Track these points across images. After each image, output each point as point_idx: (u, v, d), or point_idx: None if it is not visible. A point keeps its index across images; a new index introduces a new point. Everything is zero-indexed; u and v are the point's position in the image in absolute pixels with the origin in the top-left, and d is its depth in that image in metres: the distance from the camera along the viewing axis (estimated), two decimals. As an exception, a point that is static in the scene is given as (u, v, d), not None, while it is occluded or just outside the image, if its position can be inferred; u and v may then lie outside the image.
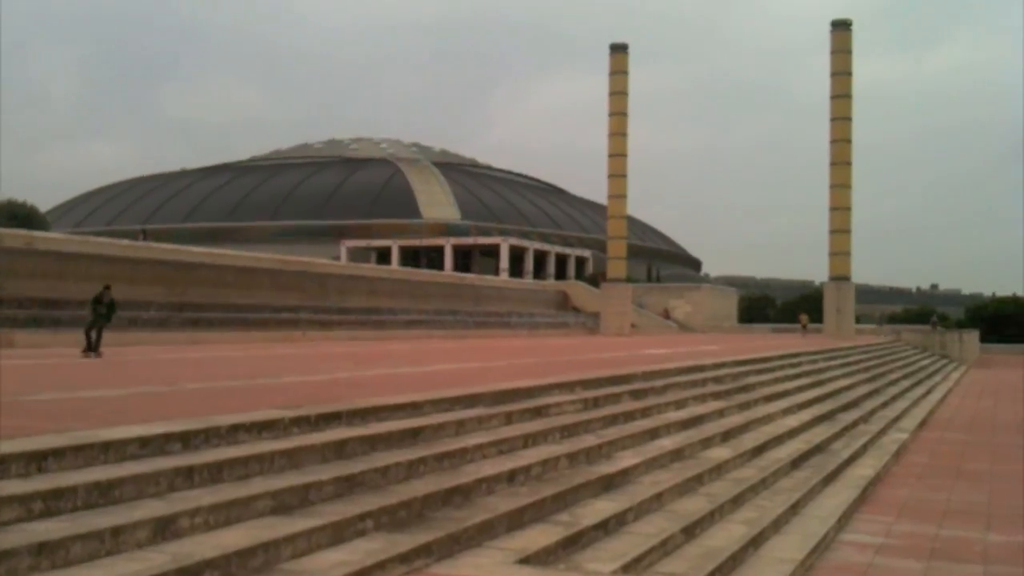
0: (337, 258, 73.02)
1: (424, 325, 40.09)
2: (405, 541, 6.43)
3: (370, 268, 52.30)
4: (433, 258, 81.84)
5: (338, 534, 6.35)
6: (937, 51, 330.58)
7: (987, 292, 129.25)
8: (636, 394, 13.38)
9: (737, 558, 8.06)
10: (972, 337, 54.54)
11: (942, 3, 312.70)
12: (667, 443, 11.40)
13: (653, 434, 11.67)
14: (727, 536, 8.57)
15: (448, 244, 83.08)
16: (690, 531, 8.46)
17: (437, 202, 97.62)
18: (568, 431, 10.55)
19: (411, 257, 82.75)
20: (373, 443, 8.13)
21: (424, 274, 54.39)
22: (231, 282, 31.91)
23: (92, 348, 17.62)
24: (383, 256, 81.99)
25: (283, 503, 6.55)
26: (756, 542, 8.66)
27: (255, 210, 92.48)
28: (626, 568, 7.17)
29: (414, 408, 9.41)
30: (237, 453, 7.02)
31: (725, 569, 7.69)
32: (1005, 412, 24.27)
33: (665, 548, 7.85)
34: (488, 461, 8.70)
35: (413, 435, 8.63)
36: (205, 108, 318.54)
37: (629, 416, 12.14)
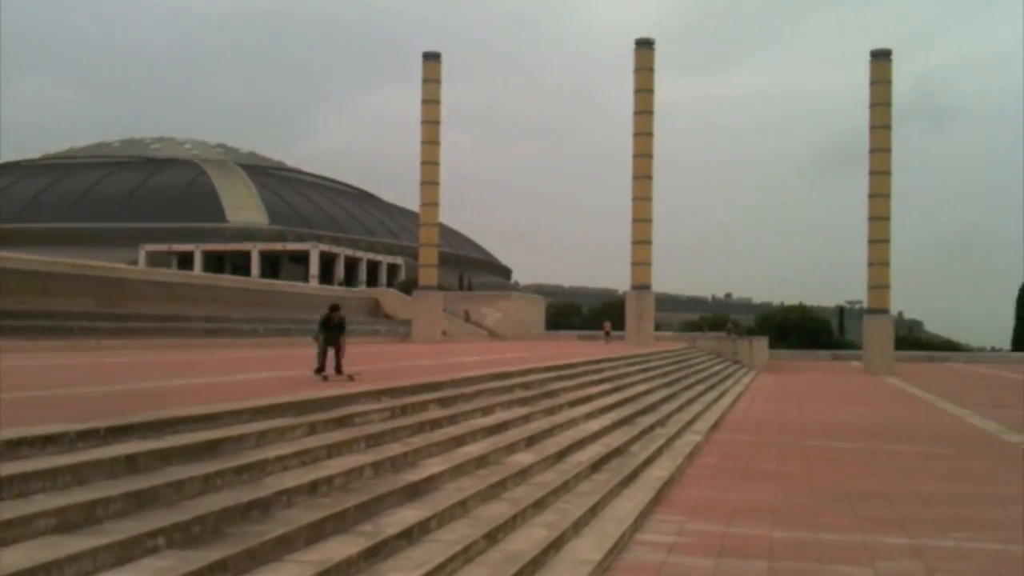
0: (135, 263, 69.79)
1: (229, 333, 38.91)
2: (198, 558, 6.23)
3: (171, 273, 50.30)
4: (239, 264, 79.58)
5: (126, 552, 6.07)
6: (739, 71, 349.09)
7: (776, 301, 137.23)
8: (444, 402, 13.45)
9: (538, 561, 8.25)
10: (762, 343, 57.78)
11: (744, 25, 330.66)
12: (473, 450, 11.52)
13: (459, 441, 11.77)
14: (529, 540, 8.75)
15: (255, 249, 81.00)
16: (493, 536, 8.59)
17: (244, 206, 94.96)
18: (374, 440, 10.49)
19: (215, 263, 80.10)
20: (167, 457, 7.82)
21: (229, 280, 52.82)
22: (15, 287, 29.97)
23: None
24: (185, 261, 79.07)
25: (67, 521, 6.21)
26: (557, 545, 8.89)
27: (46, 211, 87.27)
28: (428, 576, 7.21)
29: (212, 419, 9.11)
30: (18, 469, 6.60)
31: (526, 573, 7.86)
32: (790, 414, 25.84)
33: (468, 554, 7.94)
34: (289, 473, 8.54)
35: (211, 447, 8.36)
36: (14, 109, 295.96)
37: (436, 424, 12.19)
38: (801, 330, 78.75)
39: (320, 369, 15.73)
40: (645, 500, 11.74)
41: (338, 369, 15.29)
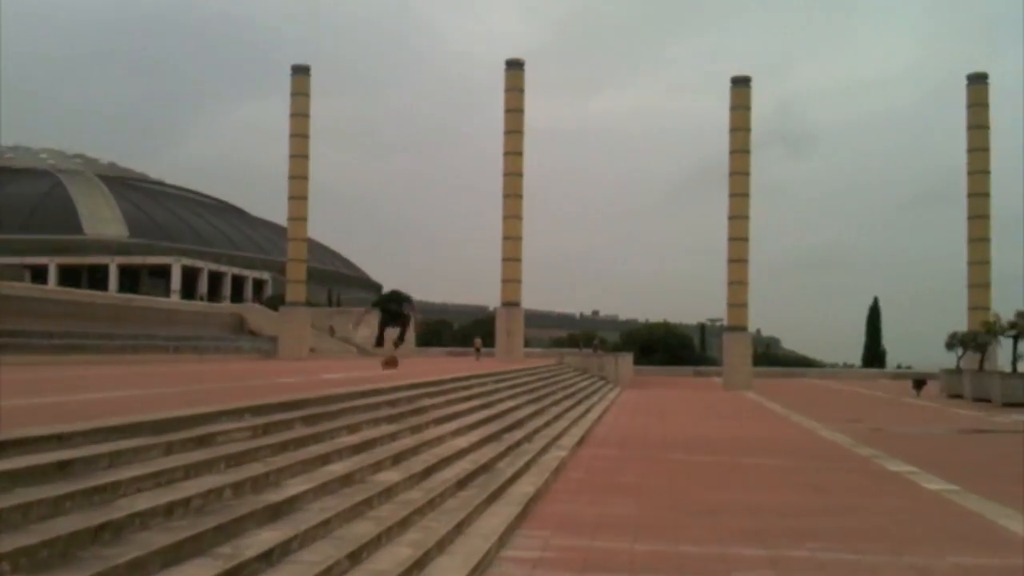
0: (-17, 276, 66.26)
1: (84, 350, 37.32)
2: (44, 585, 5.93)
3: (20, 287, 47.93)
4: (97, 278, 76.61)
5: (-36, 582, 5.73)
6: (604, 96, 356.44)
7: (641, 318, 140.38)
8: (309, 419, 13.19)
9: (402, 581, 8.17)
10: (627, 360, 58.96)
11: (607, 52, 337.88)
12: (338, 468, 11.33)
13: (324, 460, 11.55)
14: (393, 559, 8.65)
15: (113, 263, 78.17)
16: (356, 556, 8.46)
17: (102, 218, 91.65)
18: (235, 460, 10.20)
19: (72, 277, 76.89)
20: (13, 479, 7.42)
21: (85, 294, 50.72)
22: None
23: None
24: (39, 275, 75.59)
25: None
26: (421, 563, 8.82)
27: None
28: (289, 598, 7.04)
29: (62, 440, 8.69)
30: None
31: (389, 592, 7.76)
32: (654, 429, 26.42)
33: (330, 575, 7.79)
34: (144, 494, 8.21)
35: (60, 469, 7.97)
36: None
37: (301, 442, 11.94)
38: (665, 346, 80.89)
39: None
40: (511, 516, 11.78)
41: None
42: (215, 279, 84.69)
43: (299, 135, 58.71)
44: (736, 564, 10.03)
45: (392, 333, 34.31)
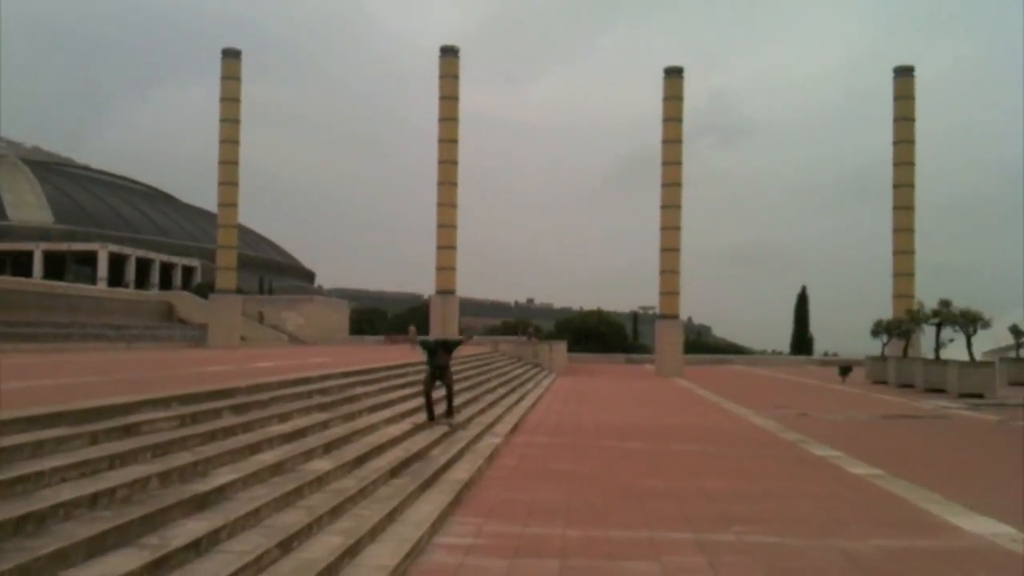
0: (-100, 262, 64.39)
1: (9, 338, 36.40)
2: (-38, 578, 5.80)
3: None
4: (21, 264, 74.66)
5: None
6: (538, 86, 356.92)
7: (575, 306, 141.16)
8: (238, 408, 13.06)
9: (333, 568, 8.13)
10: (561, 347, 59.29)
11: (542, 42, 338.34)
12: (268, 457, 11.23)
13: (254, 449, 11.45)
14: (324, 548, 8.61)
15: (38, 249, 76.21)
16: (286, 545, 8.40)
17: (26, 203, 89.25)
18: (161, 449, 10.06)
19: (-7, 263, 74.81)
20: (-71, 470, 7.24)
21: (10, 281, 49.43)
22: None
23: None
24: (-41, 261, 73.47)
25: None
26: (353, 551, 8.79)
27: None
28: (217, 588, 6.97)
29: (-18, 430, 8.50)
30: None
31: (319, 581, 7.73)
32: (586, 416, 26.62)
33: (259, 564, 7.73)
34: (68, 484, 8.07)
35: (-21, 460, 7.80)
36: None
37: (229, 431, 11.82)
38: (598, 334, 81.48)
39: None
40: (444, 503, 11.80)
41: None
42: (143, 266, 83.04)
43: (229, 120, 57.83)
44: (664, 548, 10.18)
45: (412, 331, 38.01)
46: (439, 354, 17.40)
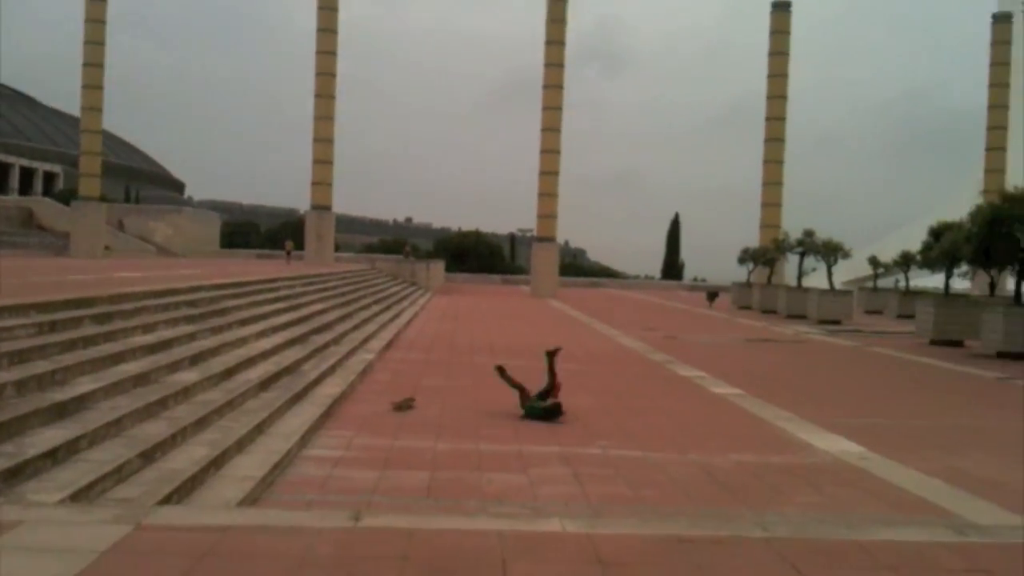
0: None
1: None
2: None
3: None
4: None
5: None
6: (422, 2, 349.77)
7: (454, 227, 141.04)
8: (100, 318, 12.62)
9: (197, 479, 8.03)
10: (438, 266, 59.29)
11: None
12: (131, 368, 10.93)
13: (117, 359, 11.12)
14: (188, 458, 8.48)
15: None
16: (149, 455, 8.24)
17: None
18: (18, 357, 9.66)
19: None
20: None
21: None
22: None
23: None
24: None
25: None
26: (218, 463, 8.69)
27: None
28: (75, 496, 6.80)
29: None
30: None
31: (183, 491, 7.62)
32: (461, 334, 26.79)
33: (120, 474, 7.57)
34: (-87, 391, 7.70)
35: None
36: None
37: (91, 341, 11.43)
38: (476, 255, 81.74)
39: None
40: (314, 417, 11.74)
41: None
42: (2, 170, 78.90)
43: (94, 20, 54.88)
44: (532, 461, 10.39)
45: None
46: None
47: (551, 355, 14.19)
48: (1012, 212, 25.18)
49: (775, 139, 60.60)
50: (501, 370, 14.21)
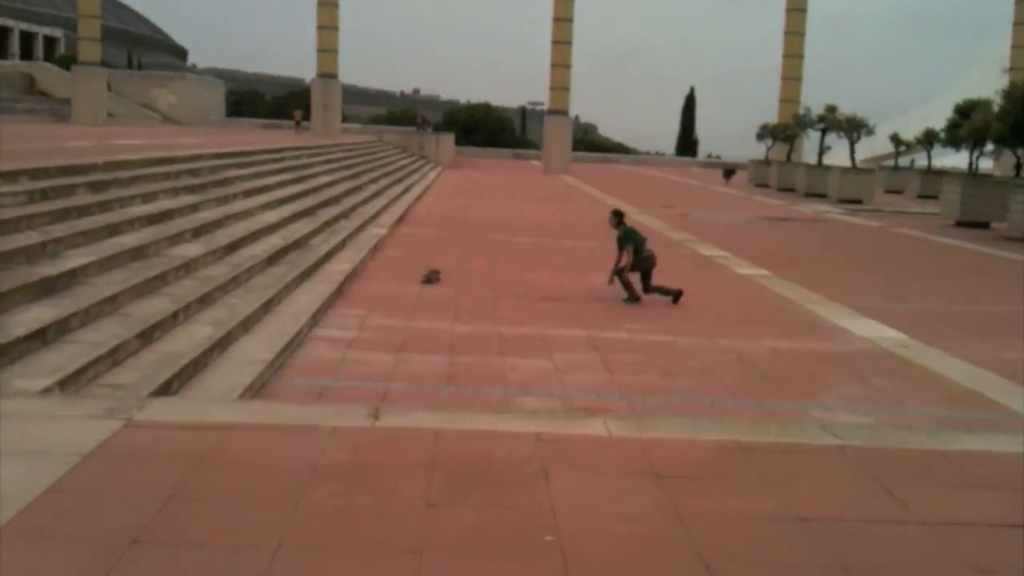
0: None
1: None
2: None
3: None
4: None
5: None
6: None
7: (462, 99, 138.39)
8: (95, 187, 11.84)
9: (200, 363, 7.40)
10: (448, 140, 57.92)
11: None
12: (128, 240, 10.21)
13: (112, 231, 10.38)
14: (190, 339, 7.84)
15: None
16: (147, 336, 7.60)
17: None
18: (5, 228, 8.94)
19: None
20: None
21: None
22: None
23: None
24: None
25: None
26: (223, 344, 8.05)
27: None
28: (64, 383, 6.17)
29: None
30: None
31: (184, 375, 7.00)
32: (474, 210, 26.00)
33: (115, 357, 6.93)
34: None
35: None
36: None
37: (84, 211, 10.67)
38: (486, 128, 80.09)
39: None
40: (325, 295, 11.10)
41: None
42: (1, 35, 76.77)
43: None
44: (556, 345, 9.76)
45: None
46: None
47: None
48: (1052, 89, 23.98)
49: (797, 9, 58.19)
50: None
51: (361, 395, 7.49)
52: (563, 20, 53.98)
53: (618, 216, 13.13)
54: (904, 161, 55.32)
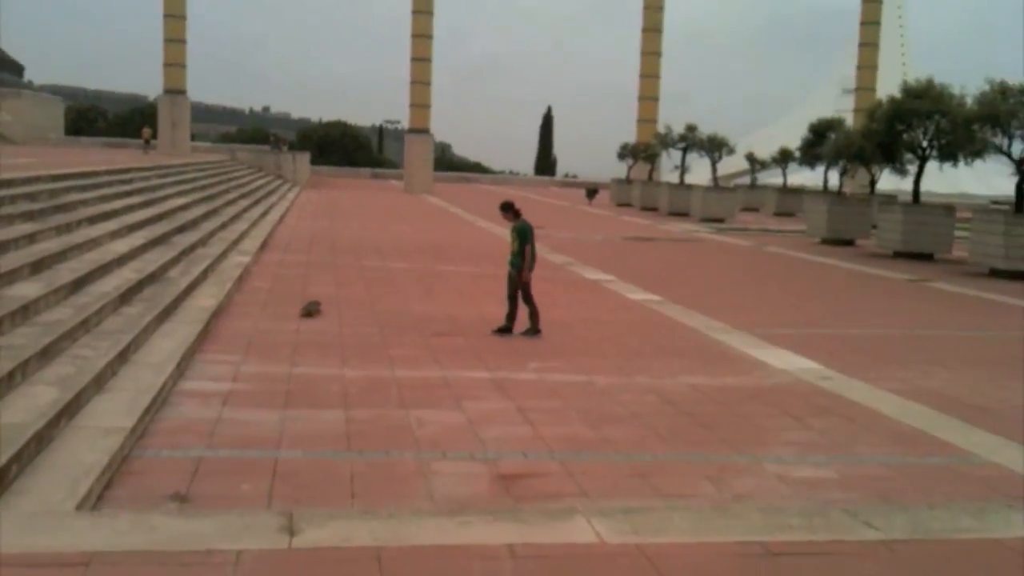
0: None
1: None
2: None
3: None
4: None
5: None
6: None
7: (314, 117, 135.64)
8: (-90, 215, 10.10)
9: (43, 438, 5.98)
10: (304, 158, 55.99)
11: None
12: (-49, 280, 8.59)
13: (-68, 269, 8.74)
14: (30, 407, 6.36)
15: None
16: (-26, 406, 6.12)
17: None
18: None
19: None
20: None
21: None
22: None
23: None
24: None
25: None
26: (71, 409, 6.62)
27: None
28: None
29: None
30: None
31: (24, 458, 5.58)
32: (341, 232, 24.64)
33: (-70, 439, 5.45)
34: None
35: None
36: None
37: None
38: (341, 147, 78.33)
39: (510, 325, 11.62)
40: (190, 337, 9.68)
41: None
42: None
43: None
44: (462, 391, 8.66)
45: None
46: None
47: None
48: (913, 108, 24.42)
49: (653, 29, 59.02)
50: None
51: (245, 468, 6.22)
52: (422, 36, 53.07)
53: (512, 208, 12.09)
54: (747, 179, 56.53)
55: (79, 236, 12.79)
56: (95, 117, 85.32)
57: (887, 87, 37.97)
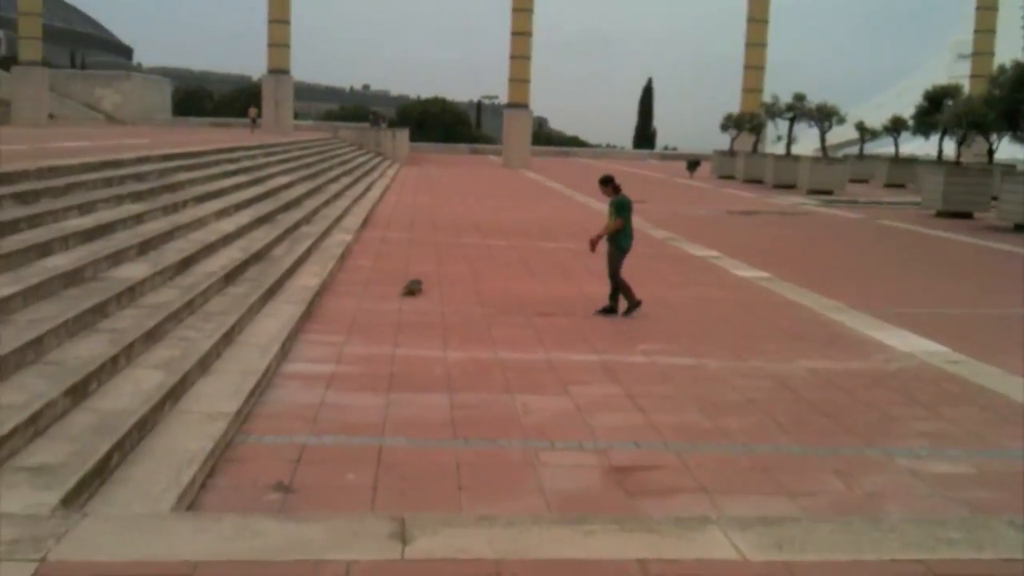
0: None
1: None
2: None
3: None
4: None
5: None
6: None
7: (412, 94, 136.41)
8: (23, 197, 10.23)
9: (147, 423, 5.90)
10: (404, 135, 56.22)
11: None
12: (61, 262, 8.59)
13: (43, 250, 8.76)
14: (134, 391, 6.30)
15: None
16: (79, 390, 6.06)
17: None
18: (-93, 252, 7.37)
19: None
20: None
21: None
22: None
23: None
24: None
25: None
26: (175, 393, 6.55)
27: None
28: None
29: None
30: None
31: (126, 445, 5.50)
32: (441, 209, 24.53)
33: (36, 425, 5.40)
34: None
35: None
36: None
37: (11, 227, 9.05)
38: (440, 123, 78.48)
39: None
40: (294, 317, 9.62)
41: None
42: (-69, 33, 73.64)
43: None
44: (569, 375, 8.37)
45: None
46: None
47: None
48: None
49: (759, -4, 57.27)
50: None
51: (350, 456, 6.06)
52: (523, 11, 52.55)
53: (611, 182, 11.68)
54: (855, 149, 54.47)
55: (186, 216, 12.88)
56: (202, 98, 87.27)
57: (1005, 51, 36.14)
